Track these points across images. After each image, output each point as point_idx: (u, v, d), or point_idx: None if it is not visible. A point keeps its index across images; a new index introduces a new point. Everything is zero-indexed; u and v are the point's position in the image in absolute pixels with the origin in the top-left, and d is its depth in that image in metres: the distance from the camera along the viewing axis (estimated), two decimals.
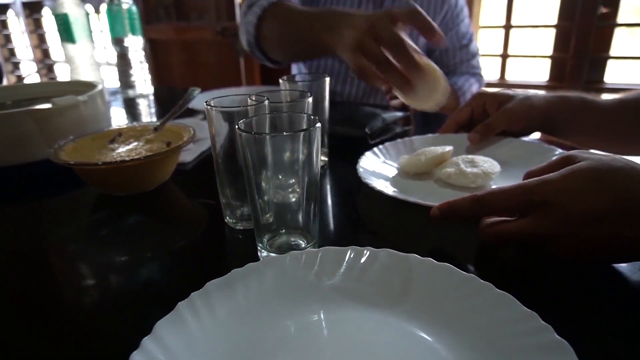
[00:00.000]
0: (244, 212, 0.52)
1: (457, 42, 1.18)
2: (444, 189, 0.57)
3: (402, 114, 0.83)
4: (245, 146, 0.40)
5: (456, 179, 0.55)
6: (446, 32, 1.15)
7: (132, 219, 0.56)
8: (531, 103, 0.64)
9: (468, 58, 1.20)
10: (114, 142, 0.66)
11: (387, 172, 0.62)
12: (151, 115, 1.16)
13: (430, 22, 0.65)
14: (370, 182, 0.54)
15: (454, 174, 0.55)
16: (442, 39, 0.66)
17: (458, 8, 1.15)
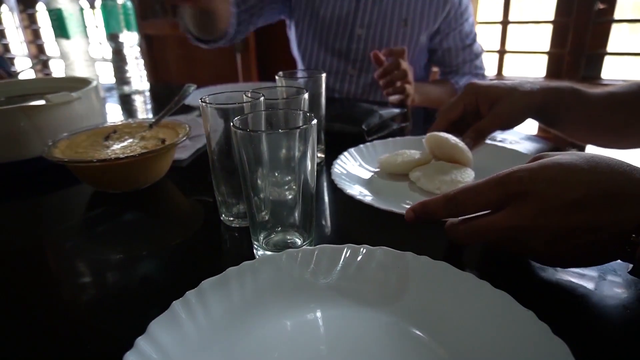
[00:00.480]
0: (240, 209, 0.51)
1: (460, 42, 1.17)
2: (414, 192, 0.56)
3: (399, 111, 0.83)
4: (241, 144, 0.39)
5: (423, 182, 0.54)
6: (449, 31, 1.14)
7: (127, 216, 0.56)
8: (525, 103, 0.62)
9: (471, 58, 1.20)
10: (109, 139, 0.65)
11: (364, 172, 0.62)
12: (147, 112, 1.15)
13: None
14: (341, 183, 0.54)
15: (422, 177, 0.55)
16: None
17: (462, 7, 1.14)
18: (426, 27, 1.12)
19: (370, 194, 0.55)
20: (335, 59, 1.17)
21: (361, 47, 1.14)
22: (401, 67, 0.93)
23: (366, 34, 1.12)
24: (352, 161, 0.63)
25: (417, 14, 1.10)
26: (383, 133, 0.78)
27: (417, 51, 1.15)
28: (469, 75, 1.21)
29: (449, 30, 1.15)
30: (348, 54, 1.15)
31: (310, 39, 1.18)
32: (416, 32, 1.12)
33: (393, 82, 0.94)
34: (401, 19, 1.10)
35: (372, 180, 0.60)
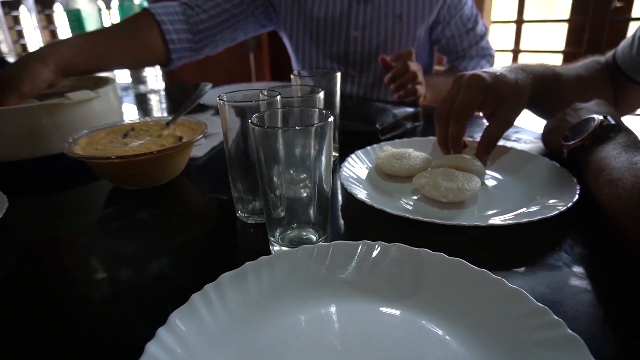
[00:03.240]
0: (256, 206, 0.52)
1: (462, 27, 1.16)
2: (417, 198, 0.56)
3: (413, 110, 0.83)
4: (258, 140, 0.40)
5: (428, 190, 0.53)
6: (449, 19, 1.14)
7: (145, 212, 0.57)
8: (525, 101, 0.62)
9: (477, 40, 1.18)
10: (127, 136, 0.67)
11: (372, 174, 0.62)
12: (162, 111, 1.17)
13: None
14: (350, 187, 0.54)
15: (427, 185, 0.53)
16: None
17: None
18: (422, 21, 1.11)
19: (378, 195, 0.55)
20: (334, 62, 1.17)
21: (358, 49, 1.14)
22: (410, 70, 0.93)
23: (362, 35, 1.12)
24: (359, 163, 0.63)
25: (412, 9, 1.09)
26: (396, 132, 0.78)
27: (417, 45, 1.14)
28: (477, 58, 1.20)
29: (449, 18, 1.14)
30: (347, 56, 1.15)
31: (307, 46, 1.18)
32: (412, 26, 1.11)
33: (404, 85, 0.94)
34: (396, 16, 1.09)
35: (380, 182, 0.60)
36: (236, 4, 1.10)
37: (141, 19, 0.98)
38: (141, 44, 0.97)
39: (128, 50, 0.94)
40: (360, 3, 1.10)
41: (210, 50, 1.12)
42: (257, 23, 1.17)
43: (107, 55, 0.89)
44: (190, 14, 1.04)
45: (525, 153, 0.63)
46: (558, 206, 0.48)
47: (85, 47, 0.83)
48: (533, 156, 0.62)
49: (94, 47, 0.85)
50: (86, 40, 0.85)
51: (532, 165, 0.60)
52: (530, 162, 0.61)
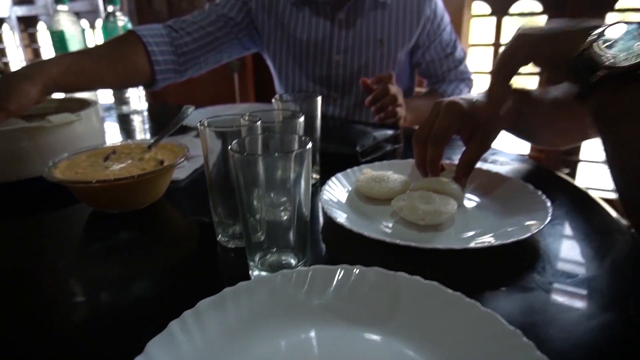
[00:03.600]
0: (236, 230, 0.52)
1: (441, 51, 1.19)
2: (395, 220, 0.57)
3: (392, 132, 0.85)
4: (238, 166, 0.41)
5: (406, 213, 0.54)
6: (429, 44, 1.17)
7: (125, 236, 0.57)
8: (499, 122, 0.63)
9: (456, 65, 1.22)
10: (108, 159, 0.67)
11: (352, 197, 0.63)
12: (145, 132, 1.17)
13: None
14: (330, 211, 0.55)
15: (405, 208, 0.54)
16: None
17: (438, 18, 1.16)
18: (402, 45, 1.14)
19: (358, 218, 0.56)
20: (317, 85, 1.19)
21: (340, 72, 1.16)
22: (390, 92, 0.96)
23: (344, 59, 1.14)
24: (340, 186, 0.64)
25: (392, 34, 1.13)
26: (377, 154, 0.79)
27: (398, 68, 1.17)
28: (456, 82, 1.23)
29: (429, 43, 1.17)
30: (329, 79, 1.18)
31: (291, 69, 1.20)
32: (393, 51, 1.14)
33: (384, 107, 0.96)
34: (377, 40, 1.13)
35: (360, 205, 0.61)
36: (220, 27, 1.12)
37: (128, 40, 0.99)
38: (128, 65, 0.98)
39: (115, 71, 0.95)
40: (343, 28, 1.13)
41: (194, 72, 1.13)
42: (240, 46, 1.19)
43: (95, 75, 0.90)
44: (175, 37, 1.06)
45: (500, 175, 0.65)
46: (531, 227, 0.50)
47: (73, 67, 0.84)
48: (508, 178, 0.63)
49: (82, 66, 0.86)
50: (74, 60, 0.86)
51: (506, 187, 0.62)
52: (505, 184, 0.63)
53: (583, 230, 0.55)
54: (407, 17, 1.12)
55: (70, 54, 0.90)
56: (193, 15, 1.12)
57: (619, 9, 1.63)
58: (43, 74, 0.76)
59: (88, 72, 0.88)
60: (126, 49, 0.98)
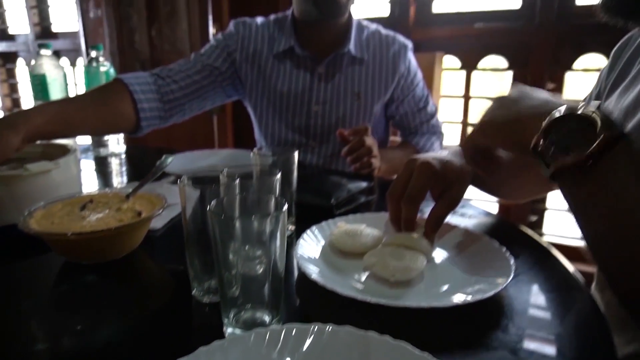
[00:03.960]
0: (212, 285, 0.53)
1: (414, 105, 1.26)
2: (368, 275, 0.58)
3: (367, 185, 0.88)
4: (216, 225, 0.42)
5: (378, 269, 0.56)
6: (403, 98, 1.24)
7: (98, 286, 0.57)
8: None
9: (427, 119, 1.29)
10: (85, 208, 0.67)
11: (326, 250, 0.64)
12: (122, 175, 1.17)
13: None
14: (304, 266, 0.56)
15: (377, 264, 0.57)
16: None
17: (411, 74, 1.23)
18: (378, 99, 1.21)
19: (331, 273, 0.58)
20: (295, 134, 1.23)
21: (319, 122, 1.21)
22: (366, 144, 1.00)
23: (322, 110, 1.20)
24: (314, 240, 0.66)
25: (369, 88, 1.19)
26: (351, 206, 0.82)
27: (373, 120, 1.23)
28: (428, 135, 1.29)
29: (402, 97, 1.24)
30: (307, 129, 1.22)
31: (271, 118, 1.24)
32: (369, 104, 1.20)
33: (360, 158, 1.00)
34: (354, 94, 1.19)
35: (333, 259, 0.62)
36: (205, 76, 1.16)
37: (114, 88, 1.03)
38: (114, 113, 1.00)
39: (101, 119, 0.97)
40: (322, 81, 1.18)
41: (178, 119, 1.17)
42: (224, 94, 1.24)
43: (80, 123, 0.92)
44: (161, 84, 1.10)
45: (468, 231, 0.68)
46: (496, 285, 0.52)
47: (58, 116, 0.86)
48: (474, 234, 0.67)
49: (67, 115, 0.88)
50: (60, 109, 0.88)
51: (473, 243, 0.65)
52: (471, 240, 0.66)
53: (545, 288, 0.58)
54: (383, 73, 1.19)
55: (55, 103, 0.93)
56: (179, 64, 1.16)
57: (577, 69, 1.75)
58: (27, 123, 0.77)
59: (73, 120, 0.89)
60: (112, 97, 1.01)
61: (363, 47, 1.19)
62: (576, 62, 1.74)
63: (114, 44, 2.82)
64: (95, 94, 1.01)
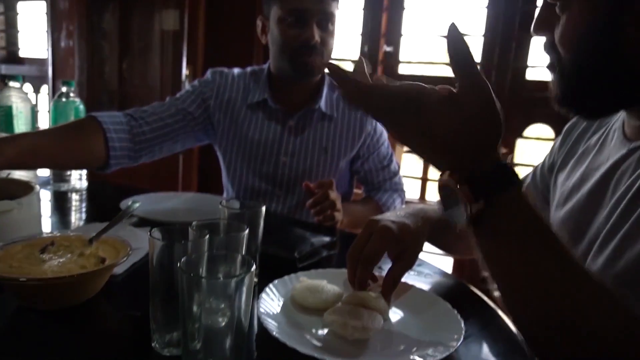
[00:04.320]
0: (173, 338, 0.53)
1: (379, 163, 1.33)
2: (327, 332, 0.61)
3: (329, 239, 0.91)
4: (184, 282, 0.44)
5: (336, 327, 0.58)
6: (368, 155, 1.31)
7: (53, 334, 0.56)
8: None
9: (390, 176, 1.35)
10: (45, 251, 0.66)
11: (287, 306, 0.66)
12: (81, 212, 1.15)
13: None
14: (266, 322, 0.58)
15: (335, 322, 0.59)
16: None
17: (377, 134, 1.30)
18: (344, 154, 1.26)
19: (291, 329, 0.60)
20: (262, 182, 1.26)
21: (286, 172, 1.25)
22: (330, 198, 1.04)
23: (290, 161, 1.24)
24: (277, 294, 0.68)
25: (336, 143, 1.25)
26: (314, 260, 0.84)
27: (339, 174, 1.28)
28: (390, 191, 1.35)
29: (368, 155, 1.30)
30: (275, 178, 1.26)
31: (239, 164, 1.27)
32: (336, 158, 1.26)
33: (323, 210, 1.04)
34: (322, 148, 1.24)
35: (295, 314, 0.64)
36: (178, 120, 1.19)
37: (87, 125, 1.05)
38: (85, 148, 1.03)
39: (71, 154, 1.00)
40: (292, 133, 1.23)
41: (147, 159, 1.19)
42: (195, 138, 1.27)
43: (51, 156, 0.94)
44: (134, 125, 1.12)
45: (423, 293, 0.72)
46: (448, 347, 0.55)
47: (30, 148, 0.88)
48: (430, 296, 0.70)
49: (39, 148, 0.91)
50: (32, 142, 0.90)
51: (427, 304, 0.69)
52: (427, 301, 0.69)
53: (492, 351, 0.62)
54: (351, 131, 1.25)
55: (28, 135, 0.95)
56: (153, 107, 1.19)
57: (526, 137, 1.90)
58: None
59: (44, 154, 0.92)
60: (85, 133, 1.03)
61: (333, 105, 1.25)
62: (526, 131, 1.89)
63: (84, 74, 2.81)
64: (67, 129, 1.03)
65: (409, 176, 2.13)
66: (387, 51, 2.11)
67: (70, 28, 2.84)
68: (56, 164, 1.00)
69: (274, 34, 1.17)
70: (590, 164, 0.68)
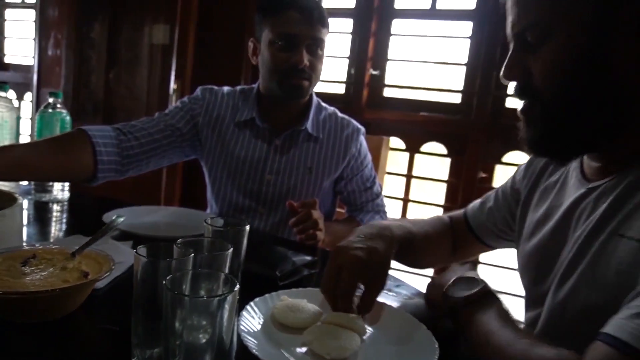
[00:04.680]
0: (154, 354, 0.54)
1: (362, 185, 1.35)
2: (305, 350, 0.62)
3: (310, 259, 0.93)
4: (168, 300, 0.45)
5: (315, 347, 0.60)
6: (352, 177, 1.33)
7: (31, 349, 0.56)
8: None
9: (373, 198, 1.38)
10: (27, 264, 0.66)
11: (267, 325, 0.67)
12: (62, 223, 1.15)
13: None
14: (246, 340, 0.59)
15: (314, 341, 0.61)
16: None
17: (361, 156, 1.34)
18: (328, 175, 1.29)
19: (271, 347, 0.61)
20: (247, 199, 1.28)
21: (270, 190, 1.27)
22: (312, 217, 1.06)
23: (275, 179, 1.26)
24: (257, 313, 0.69)
25: (321, 164, 1.28)
26: (295, 278, 0.86)
27: (322, 194, 1.31)
28: (372, 213, 1.38)
29: (351, 176, 1.33)
30: (259, 195, 1.28)
31: (224, 180, 1.29)
32: (320, 178, 1.28)
33: (306, 229, 1.06)
34: (306, 168, 1.27)
35: (274, 333, 0.66)
36: (166, 136, 1.20)
37: (77, 137, 1.06)
38: (73, 161, 1.03)
39: (59, 168, 1.01)
40: (277, 152, 1.25)
41: (135, 173, 1.20)
42: (182, 153, 1.29)
43: (39, 168, 0.96)
44: (123, 139, 1.13)
45: (400, 313, 0.73)
46: None
47: (18, 160, 0.89)
48: (406, 317, 0.72)
49: (27, 160, 0.92)
50: (22, 153, 0.92)
51: (403, 325, 0.71)
52: (403, 323, 0.71)
53: None
54: (335, 152, 1.28)
55: (15, 147, 0.97)
56: (142, 122, 1.20)
57: (505, 163, 1.96)
58: None
59: (33, 167, 0.93)
60: (74, 146, 1.04)
61: (319, 126, 1.28)
62: (505, 157, 1.95)
63: (69, 83, 2.79)
64: (56, 142, 1.04)
65: (391, 196, 2.17)
66: (374, 74, 2.16)
67: (58, 37, 2.84)
68: (44, 177, 1.02)
69: (264, 56, 1.20)
70: (553, 201, 0.72)
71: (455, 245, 0.96)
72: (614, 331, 0.45)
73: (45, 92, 2.81)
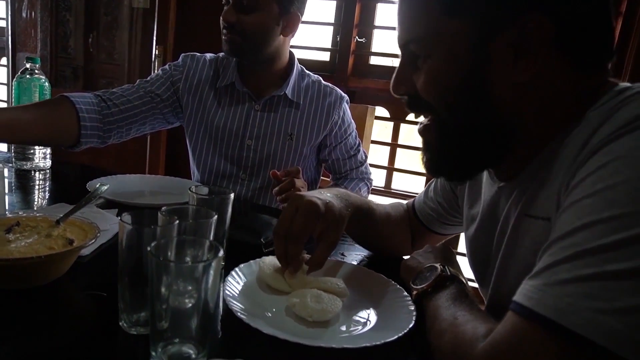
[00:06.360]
0: (141, 317, 0.56)
1: (346, 153, 1.36)
2: (289, 314, 0.64)
3: None
4: (153, 266, 0.46)
5: (298, 309, 0.63)
6: (335, 145, 1.34)
7: (18, 314, 0.57)
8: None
9: (357, 166, 1.40)
10: (11, 231, 0.66)
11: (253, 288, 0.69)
12: (45, 192, 1.14)
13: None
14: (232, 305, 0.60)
15: (297, 304, 0.63)
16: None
17: (345, 124, 1.34)
18: (309, 142, 1.30)
19: (256, 309, 0.63)
20: (228, 164, 1.29)
21: (251, 155, 1.28)
22: (296, 186, 1.07)
23: (255, 144, 1.27)
24: (242, 278, 0.71)
25: (301, 130, 1.28)
26: None
27: (304, 161, 1.32)
28: (357, 180, 1.40)
29: (335, 144, 1.34)
30: (240, 160, 1.28)
31: (205, 147, 1.29)
32: (300, 145, 1.29)
33: (289, 198, 1.07)
34: (287, 134, 1.27)
35: (259, 295, 0.68)
36: (145, 102, 1.20)
37: (60, 103, 1.07)
38: (60, 126, 1.06)
39: (47, 130, 1.03)
40: (257, 117, 1.25)
41: (116, 140, 1.20)
42: (164, 120, 1.28)
43: (24, 132, 0.98)
44: (103, 106, 1.14)
45: (382, 278, 0.76)
46: (402, 328, 0.60)
47: (9, 122, 0.93)
48: (386, 281, 0.75)
49: (14, 122, 0.95)
50: (9, 116, 0.94)
51: (384, 288, 0.73)
52: (382, 285, 0.74)
53: None
54: (317, 119, 1.28)
55: (7, 109, 1.00)
56: (122, 89, 1.20)
57: None
58: None
59: (18, 129, 0.96)
60: (59, 110, 1.06)
61: (301, 92, 1.28)
62: None
63: (46, 48, 2.70)
64: (43, 106, 1.06)
65: (376, 165, 2.19)
66: (359, 42, 2.14)
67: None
68: (31, 140, 1.05)
69: None
70: (475, 194, 0.74)
71: (413, 236, 0.95)
72: (520, 299, 0.44)
73: (22, 57, 2.72)
